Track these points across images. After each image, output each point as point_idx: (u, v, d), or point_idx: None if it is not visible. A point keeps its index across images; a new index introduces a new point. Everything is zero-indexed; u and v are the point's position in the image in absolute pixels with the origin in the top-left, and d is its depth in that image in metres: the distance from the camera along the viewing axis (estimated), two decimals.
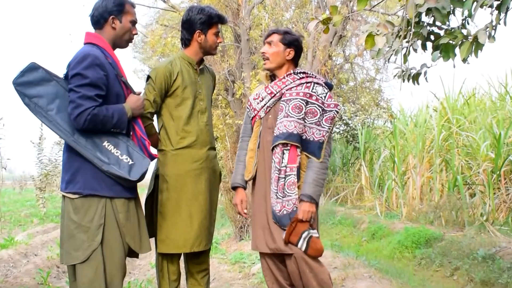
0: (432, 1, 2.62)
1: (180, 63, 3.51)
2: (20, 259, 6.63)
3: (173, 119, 3.48)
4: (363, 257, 6.10)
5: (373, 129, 12.88)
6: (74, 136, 2.83)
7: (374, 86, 14.54)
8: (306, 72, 3.39)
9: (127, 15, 3.10)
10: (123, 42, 3.15)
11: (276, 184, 3.22)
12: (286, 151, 3.22)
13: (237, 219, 8.40)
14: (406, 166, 9.90)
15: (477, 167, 8.40)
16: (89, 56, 2.85)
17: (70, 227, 2.88)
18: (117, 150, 2.90)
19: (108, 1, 3.05)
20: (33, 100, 2.81)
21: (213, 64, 8.98)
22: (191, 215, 3.44)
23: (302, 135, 3.22)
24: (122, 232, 2.94)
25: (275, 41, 3.39)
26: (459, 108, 10.04)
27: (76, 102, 2.76)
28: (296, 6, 11.66)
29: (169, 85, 3.44)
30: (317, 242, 3.15)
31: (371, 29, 2.88)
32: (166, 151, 3.47)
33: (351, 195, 12.40)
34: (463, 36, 2.94)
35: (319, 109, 3.24)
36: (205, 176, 3.53)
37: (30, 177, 14.95)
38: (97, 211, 2.87)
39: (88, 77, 2.80)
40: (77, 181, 2.87)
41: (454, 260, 5.95)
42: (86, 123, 2.77)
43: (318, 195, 3.19)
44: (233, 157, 9.03)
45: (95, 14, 3.06)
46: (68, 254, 2.89)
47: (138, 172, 2.91)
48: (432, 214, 8.12)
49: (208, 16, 3.49)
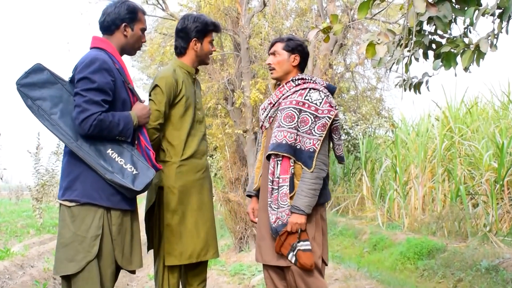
0: (434, 10, 2.57)
1: (180, 72, 3.48)
2: (16, 270, 6.56)
3: (177, 130, 3.43)
4: (364, 269, 6.04)
5: (374, 138, 12.81)
6: (78, 142, 2.74)
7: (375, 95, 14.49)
8: (304, 78, 3.33)
9: (138, 23, 3.07)
10: (132, 49, 3.12)
11: (270, 195, 3.19)
12: (279, 161, 3.17)
13: (237, 230, 8.35)
14: (408, 176, 9.84)
15: (480, 177, 8.32)
16: (97, 60, 2.78)
17: (65, 235, 2.78)
18: (121, 159, 2.82)
19: (121, 7, 3.00)
20: (36, 103, 2.73)
21: (212, 73, 8.95)
22: (197, 225, 3.43)
23: (296, 145, 3.15)
24: (113, 245, 2.85)
25: (278, 50, 3.36)
26: (461, 117, 10.00)
27: (82, 106, 2.69)
28: (296, 14, 11.64)
29: (175, 95, 3.39)
30: (304, 255, 3.09)
31: (372, 37, 2.83)
32: (171, 162, 3.41)
33: (352, 206, 12.32)
34: (464, 44, 2.91)
35: (311, 116, 3.16)
36: (207, 186, 3.55)
37: (27, 187, 14.91)
38: (94, 221, 2.78)
39: (96, 82, 2.73)
40: (75, 188, 2.78)
41: (457, 271, 5.88)
42: (92, 128, 2.69)
43: (308, 206, 3.10)
44: (233, 167, 8.98)
45: (106, 20, 3.00)
46: (61, 264, 2.78)
47: (143, 183, 2.82)
48: (435, 224, 8.06)
49: (204, 24, 3.48)
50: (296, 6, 11.69)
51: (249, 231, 8.23)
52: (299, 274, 3.11)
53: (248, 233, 8.24)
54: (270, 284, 3.34)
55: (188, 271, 3.60)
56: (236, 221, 8.39)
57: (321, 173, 3.18)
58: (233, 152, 9.49)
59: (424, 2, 2.47)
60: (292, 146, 3.14)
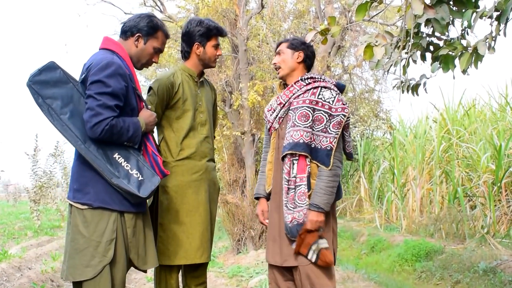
0: (431, 12, 2.57)
1: (181, 75, 3.52)
2: (14, 272, 6.54)
3: (173, 131, 3.48)
4: (362, 271, 6.04)
5: (372, 140, 12.84)
6: (86, 144, 2.70)
7: (373, 97, 14.53)
8: (313, 77, 3.33)
9: (154, 40, 3.04)
10: (138, 62, 3.07)
11: (286, 195, 3.18)
12: (295, 161, 3.17)
13: (235, 232, 8.33)
14: (406, 178, 9.84)
15: (477, 179, 8.33)
16: (113, 64, 2.75)
17: (79, 241, 2.75)
18: (127, 164, 2.79)
19: (143, 19, 3.00)
20: (47, 101, 2.67)
21: (210, 75, 8.93)
22: (191, 226, 3.42)
23: (311, 144, 3.16)
24: (128, 247, 2.83)
25: (283, 49, 3.40)
26: (459, 119, 10.00)
27: (95, 110, 2.65)
28: (294, 16, 11.65)
29: (171, 97, 3.44)
30: (326, 254, 3.10)
31: (369, 39, 2.83)
32: (166, 162, 3.44)
33: (350, 207, 12.33)
34: (462, 47, 2.92)
35: (325, 115, 3.17)
36: (205, 188, 3.53)
37: (25, 189, 14.86)
38: (108, 225, 2.75)
39: (110, 86, 2.69)
40: (87, 191, 2.75)
41: (455, 273, 5.88)
42: (103, 133, 2.66)
43: (326, 204, 3.12)
44: (231, 169, 8.97)
45: (126, 25, 3.01)
46: (76, 269, 2.74)
47: (148, 190, 2.79)
48: (432, 226, 8.06)
49: (207, 28, 3.49)
50: (294, 8, 11.72)
51: (246, 233, 8.22)
52: (307, 277, 3.12)
53: (246, 235, 8.23)
54: (274, 285, 3.34)
55: (187, 273, 3.60)
56: (234, 223, 8.38)
57: (338, 170, 3.19)
58: (231, 154, 9.48)
59: (421, 4, 2.47)
60: (309, 145, 3.15)
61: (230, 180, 8.93)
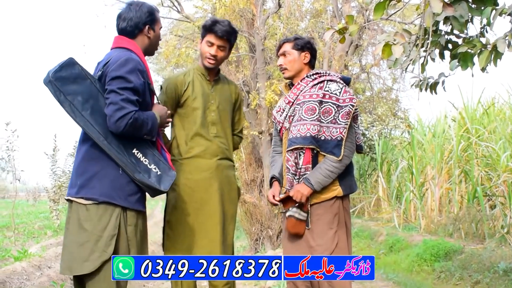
0: (450, 10, 2.55)
1: (193, 74, 3.59)
2: (34, 271, 6.60)
3: (183, 129, 3.54)
4: (381, 270, 6.01)
5: (390, 139, 12.73)
6: (108, 139, 2.72)
7: (391, 96, 14.42)
8: (318, 72, 3.38)
9: (158, 22, 3.11)
10: (153, 49, 3.15)
11: (290, 186, 3.25)
12: (301, 153, 3.22)
13: (252, 232, 8.35)
14: (424, 177, 9.76)
15: (497, 178, 8.23)
16: (132, 60, 2.79)
17: (81, 235, 2.75)
18: (145, 159, 2.82)
19: (141, 11, 3.01)
20: (69, 98, 2.68)
21: (227, 74, 8.95)
22: (197, 224, 3.44)
23: (320, 136, 3.19)
24: (128, 245, 2.83)
25: (288, 50, 3.41)
26: (478, 118, 9.88)
27: (119, 104, 2.67)
28: (312, 15, 11.60)
29: (180, 95, 3.52)
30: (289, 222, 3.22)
31: (387, 38, 2.82)
32: (175, 159, 3.49)
33: (368, 207, 12.27)
34: (481, 44, 2.89)
35: (333, 106, 3.21)
36: (216, 186, 3.52)
37: (44, 188, 14.96)
38: (111, 220, 2.75)
39: (132, 82, 2.73)
40: (92, 186, 2.76)
41: (474, 273, 5.82)
42: (127, 127, 2.67)
43: (318, 183, 3.17)
44: (248, 169, 8.98)
45: (129, 25, 2.99)
46: (75, 263, 2.74)
47: (167, 184, 2.85)
48: (452, 226, 7.99)
49: (203, 26, 3.60)
50: (311, 7, 11.67)
51: (264, 233, 8.22)
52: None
53: (264, 235, 8.23)
54: (291, 284, 3.33)
55: None
56: (251, 222, 8.39)
57: (346, 160, 3.23)
58: (249, 154, 9.49)
59: (440, 2, 2.45)
60: (316, 138, 3.18)
61: (247, 180, 8.95)
